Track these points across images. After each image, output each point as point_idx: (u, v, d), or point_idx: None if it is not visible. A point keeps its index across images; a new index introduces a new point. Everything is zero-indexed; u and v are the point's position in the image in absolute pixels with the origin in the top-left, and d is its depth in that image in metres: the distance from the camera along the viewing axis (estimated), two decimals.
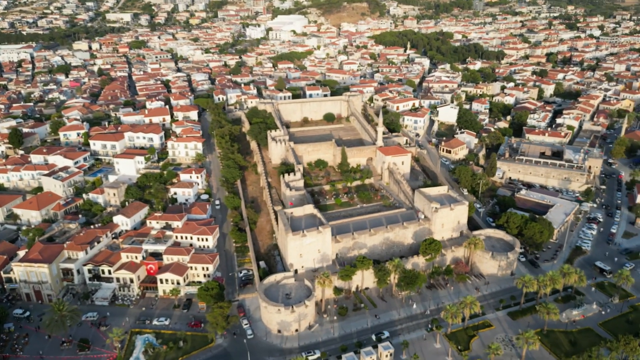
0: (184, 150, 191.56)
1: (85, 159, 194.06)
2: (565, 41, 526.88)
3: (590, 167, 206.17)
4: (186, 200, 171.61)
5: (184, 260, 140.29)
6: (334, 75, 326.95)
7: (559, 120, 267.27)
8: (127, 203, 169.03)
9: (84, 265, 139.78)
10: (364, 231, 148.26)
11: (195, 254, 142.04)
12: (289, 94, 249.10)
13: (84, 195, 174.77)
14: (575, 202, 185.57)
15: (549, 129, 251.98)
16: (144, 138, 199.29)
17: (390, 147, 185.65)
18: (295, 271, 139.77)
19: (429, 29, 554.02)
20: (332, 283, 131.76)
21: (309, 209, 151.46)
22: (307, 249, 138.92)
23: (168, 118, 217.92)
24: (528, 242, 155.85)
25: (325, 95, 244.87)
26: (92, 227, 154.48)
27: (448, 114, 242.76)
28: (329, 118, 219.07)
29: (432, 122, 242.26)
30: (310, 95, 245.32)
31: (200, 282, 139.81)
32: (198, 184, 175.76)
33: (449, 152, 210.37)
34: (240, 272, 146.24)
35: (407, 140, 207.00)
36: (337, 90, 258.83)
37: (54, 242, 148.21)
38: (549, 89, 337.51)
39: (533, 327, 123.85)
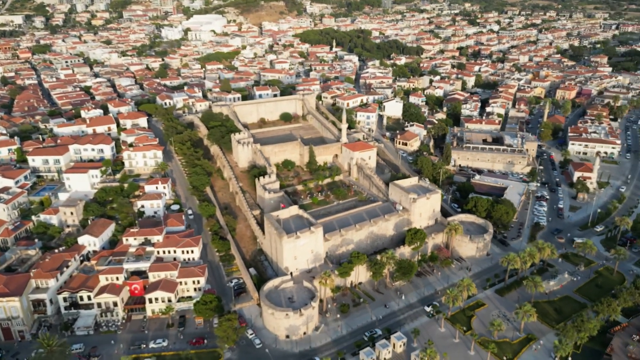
0: (142, 160, 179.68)
1: (26, 177, 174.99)
2: (471, 36, 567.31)
3: (527, 150, 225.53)
4: (155, 212, 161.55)
5: (172, 276, 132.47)
6: (269, 74, 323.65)
7: (488, 109, 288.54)
8: (88, 221, 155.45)
9: (58, 293, 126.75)
10: (350, 227, 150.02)
11: (183, 268, 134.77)
12: (238, 95, 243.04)
13: (34, 217, 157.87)
14: (523, 182, 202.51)
15: (484, 117, 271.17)
16: (93, 150, 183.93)
17: (357, 143, 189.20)
18: (291, 274, 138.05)
19: (347, 26, 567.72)
20: (334, 282, 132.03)
21: (294, 210, 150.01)
22: (300, 251, 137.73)
23: (114, 127, 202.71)
24: (496, 223, 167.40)
25: (276, 95, 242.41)
26: (55, 251, 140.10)
27: (394, 109, 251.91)
28: (286, 118, 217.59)
29: (380, 117, 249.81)
30: (260, 96, 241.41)
31: (190, 297, 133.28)
32: (165, 195, 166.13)
33: (405, 144, 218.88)
34: (231, 282, 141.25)
35: (364, 135, 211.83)
36: (284, 89, 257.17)
37: (14, 272, 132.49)
38: (470, 81, 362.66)
39: (520, 301, 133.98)
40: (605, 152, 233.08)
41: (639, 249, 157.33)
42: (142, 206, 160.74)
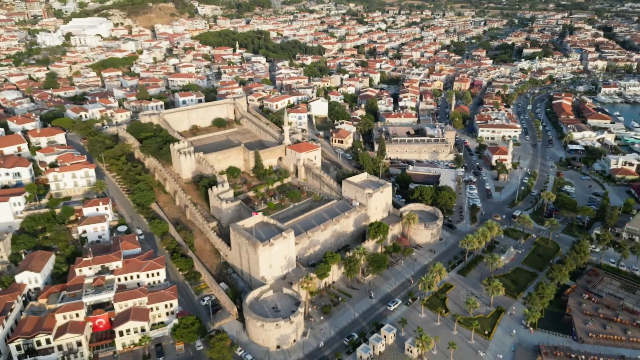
0: (71, 181, 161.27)
1: None
2: (363, 35, 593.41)
3: (448, 139, 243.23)
4: (99, 237, 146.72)
5: (141, 303, 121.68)
6: (178, 79, 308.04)
7: (400, 104, 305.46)
8: (22, 256, 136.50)
9: (9, 342, 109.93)
10: (316, 228, 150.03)
11: (152, 293, 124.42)
12: (160, 102, 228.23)
13: None
14: (450, 169, 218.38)
15: (401, 111, 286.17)
16: (8, 174, 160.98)
17: (302, 144, 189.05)
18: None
19: (243, 28, 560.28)
20: (316, 284, 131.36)
21: (259, 217, 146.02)
22: (275, 258, 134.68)
23: (24, 146, 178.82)
24: (441, 209, 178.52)
25: (200, 101, 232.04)
26: None
27: (320, 108, 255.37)
28: (220, 123, 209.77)
29: (308, 117, 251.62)
30: (185, 102, 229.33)
31: (163, 323, 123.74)
32: (108, 216, 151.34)
33: (342, 142, 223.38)
34: (203, 300, 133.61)
35: (302, 136, 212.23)
36: (206, 94, 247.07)
37: None
38: (376, 78, 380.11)
39: (481, 278, 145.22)
40: (510, 136, 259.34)
41: (562, 218, 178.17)
42: (84, 231, 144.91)
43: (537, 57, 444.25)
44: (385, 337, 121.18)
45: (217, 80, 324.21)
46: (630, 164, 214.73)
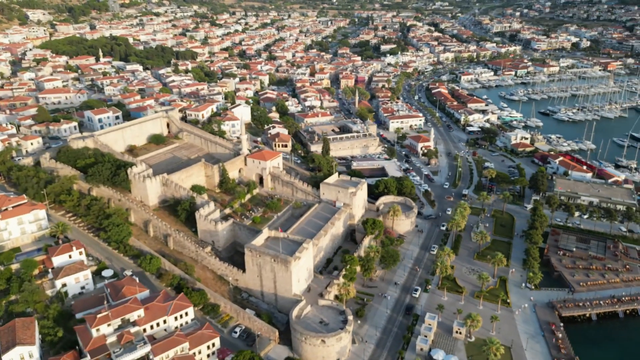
0: (17, 228, 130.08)
1: None
2: (226, 37, 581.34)
3: (373, 133, 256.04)
4: (82, 288, 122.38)
5: (183, 350, 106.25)
6: (51, 95, 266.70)
7: (307, 104, 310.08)
8: None
9: None
10: (318, 234, 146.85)
11: (191, 336, 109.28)
12: (73, 124, 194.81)
13: None
14: (386, 160, 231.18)
15: (310, 111, 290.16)
16: None
17: (264, 152, 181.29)
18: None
19: (91, 34, 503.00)
20: (354, 290, 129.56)
21: (266, 232, 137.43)
22: (301, 271, 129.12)
23: None
24: (406, 199, 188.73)
25: (118, 117, 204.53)
26: None
27: (244, 113, 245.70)
28: (158, 140, 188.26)
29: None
30: (100, 120, 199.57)
31: None
32: (84, 262, 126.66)
33: (285, 145, 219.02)
34: (235, 332, 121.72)
35: (248, 145, 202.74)
36: (124, 110, 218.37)
37: None
38: (265, 80, 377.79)
39: (470, 254, 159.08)
40: (416, 124, 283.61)
41: (500, 191, 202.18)
42: (64, 285, 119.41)
43: (399, 52, 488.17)
44: (430, 324, 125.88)
45: (99, 94, 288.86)
46: (525, 138, 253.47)
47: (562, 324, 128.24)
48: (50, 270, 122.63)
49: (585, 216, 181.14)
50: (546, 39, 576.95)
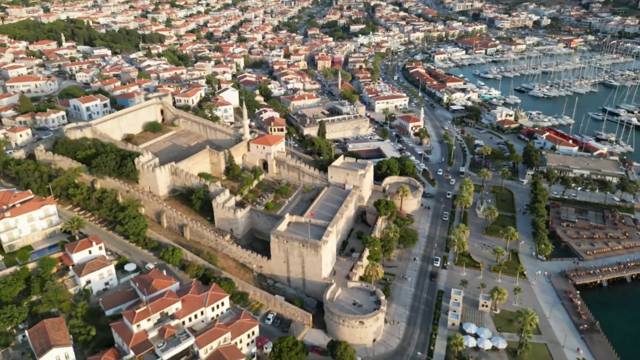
0: (27, 225, 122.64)
1: None
2: (190, 18, 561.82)
3: (363, 114, 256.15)
4: (106, 284, 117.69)
5: (226, 340, 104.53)
6: (20, 84, 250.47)
7: (289, 86, 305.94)
8: (25, 333, 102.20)
9: None
10: (335, 218, 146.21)
11: (232, 325, 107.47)
12: (62, 113, 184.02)
13: None
14: (379, 141, 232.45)
15: (295, 94, 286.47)
16: None
17: (268, 137, 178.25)
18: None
19: (47, 17, 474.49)
20: (382, 271, 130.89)
21: (288, 218, 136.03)
22: (328, 255, 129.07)
23: None
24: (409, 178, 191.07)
25: (106, 105, 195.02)
26: None
27: (231, 98, 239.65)
28: (155, 128, 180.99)
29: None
30: (89, 109, 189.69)
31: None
32: (105, 257, 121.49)
33: (282, 129, 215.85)
34: (268, 318, 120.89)
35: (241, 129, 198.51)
36: (112, 98, 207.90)
37: None
38: (241, 62, 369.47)
39: (478, 229, 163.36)
40: (401, 105, 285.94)
41: (495, 167, 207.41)
42: (88, 281, 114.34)
43: (370, 33, 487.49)
44: (457, 299, 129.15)
45: (70, 81, 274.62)
46: (510, 115, 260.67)
47: (578, 292, 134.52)
48: (70, 267, 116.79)
49: (579, 188, 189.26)
50: (509, 18, 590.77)
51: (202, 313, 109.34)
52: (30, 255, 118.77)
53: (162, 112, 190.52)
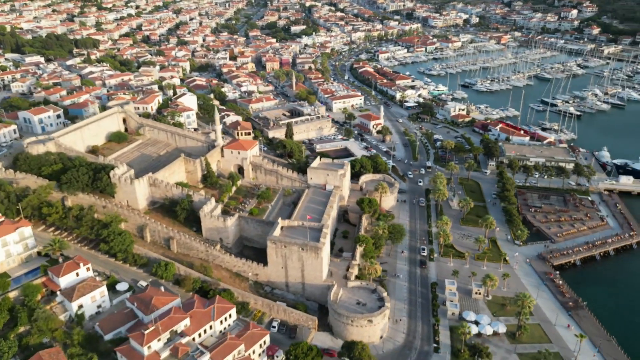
0: (1, 251, 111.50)
1: None
2: (121, 22, 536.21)
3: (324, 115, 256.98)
4: (99, 307, 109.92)
5: (240, 352, 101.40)
6: None
7: (243, 89, 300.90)
8: None
9: None
10: (323, 218, 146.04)
11: (243, 337, 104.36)
12: (12, 127, 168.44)
13: None
14: (344, 141, 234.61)
15: (250, 96, 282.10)
16: None
17: (242, 141, 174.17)
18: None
19: None
20: (380, 268, 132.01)
21: (281, 222, 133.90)
22: (325, 257, 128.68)
23: None
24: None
25: (59, 116, 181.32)
26: None
27: (192, 103, 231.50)
28: (120, 138, 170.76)
29: None
30: (41, 121, 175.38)
31: None
32: (94, 278, 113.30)
33: (249, 133, 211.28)
34: (274, 326, 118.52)
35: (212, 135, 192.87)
36: (63, 108, 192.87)
37: None
38: (187, 66, 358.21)
39: (455, 220, 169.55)
40: (357, 104, 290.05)
41: (459, 160, 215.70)
42: (80, 306, 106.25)
43: (313, 34, 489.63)
44: (450, 289, 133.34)
45: (5, 91, 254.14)
46: (462, 110, 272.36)
47: (557, 272, 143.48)
48: (58, 292, 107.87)
49: (537, 175, 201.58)
50: (440, 17, 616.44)
51: (211, 327, 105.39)
52: (10, 283, 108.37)
53: (124, 121, 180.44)
